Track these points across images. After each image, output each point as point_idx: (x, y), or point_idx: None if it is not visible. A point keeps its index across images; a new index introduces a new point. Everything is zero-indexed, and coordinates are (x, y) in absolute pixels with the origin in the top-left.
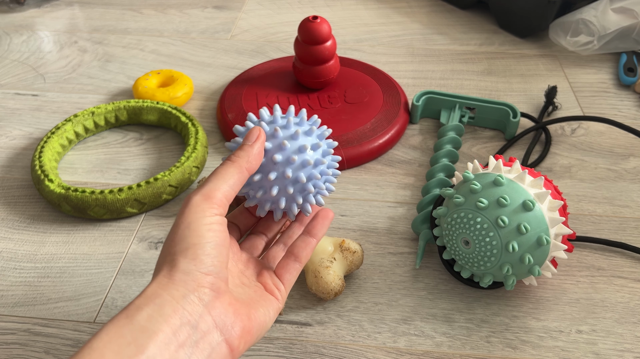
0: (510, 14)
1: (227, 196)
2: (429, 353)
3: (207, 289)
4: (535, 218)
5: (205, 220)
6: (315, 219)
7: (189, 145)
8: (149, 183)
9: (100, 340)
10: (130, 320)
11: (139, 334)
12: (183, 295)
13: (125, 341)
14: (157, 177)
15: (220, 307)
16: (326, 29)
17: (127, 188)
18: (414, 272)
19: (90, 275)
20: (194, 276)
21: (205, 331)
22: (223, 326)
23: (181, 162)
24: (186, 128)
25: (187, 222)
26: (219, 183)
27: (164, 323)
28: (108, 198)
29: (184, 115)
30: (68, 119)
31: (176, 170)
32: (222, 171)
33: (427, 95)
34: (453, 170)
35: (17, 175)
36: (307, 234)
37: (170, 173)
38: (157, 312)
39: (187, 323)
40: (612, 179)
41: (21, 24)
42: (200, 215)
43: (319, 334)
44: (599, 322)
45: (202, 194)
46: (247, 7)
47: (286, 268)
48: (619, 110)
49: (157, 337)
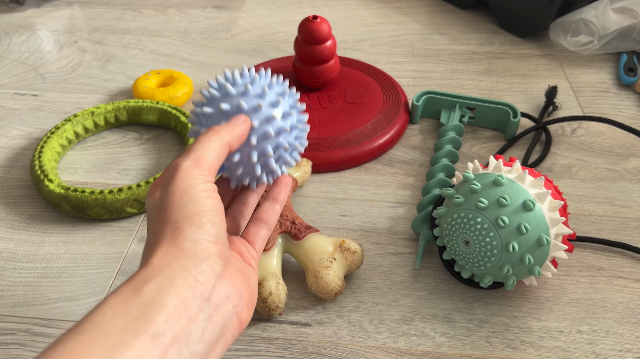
0: (511, 14)
1: (215, 164)
2: (429, 353)
3: (217, 258)
4: (535, 218)
5: (200, 186)
6: (277, 186)
7: (189, 145)
8: (148, 184)
9: (104, 314)
10: (137, 293)
11: (147, 308)
12: (195, 264)
13: (132, 316)
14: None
15: (230, 278)
16: (326, 29)
17: (127, 189)
18: (414, 272)
19: (90, 275)
20: (204, 245)
21: (218, 303)
22: (233, 297)
23: None
24: (186, 128)
25: (182, 189)
26: (206, 151)
27: (175, 295)
28: (108, 198)
29: (183, 115)
30: (68, 119)
31: None
32: (206, 140)
33: (427, 95)
34: (453, 170)
35: (17, 175)
36: (271, 200)
37: None
38: (167, 284)
39: (199, 295)
40: (613, 179)
41: (21, 23)
42: (194, 182)
43: (319, 334)
44: (599, 322)
45: (192, 160)
46: (247, 6)
47: (257, 234)
48: (619, 110)
49: (166, 310)
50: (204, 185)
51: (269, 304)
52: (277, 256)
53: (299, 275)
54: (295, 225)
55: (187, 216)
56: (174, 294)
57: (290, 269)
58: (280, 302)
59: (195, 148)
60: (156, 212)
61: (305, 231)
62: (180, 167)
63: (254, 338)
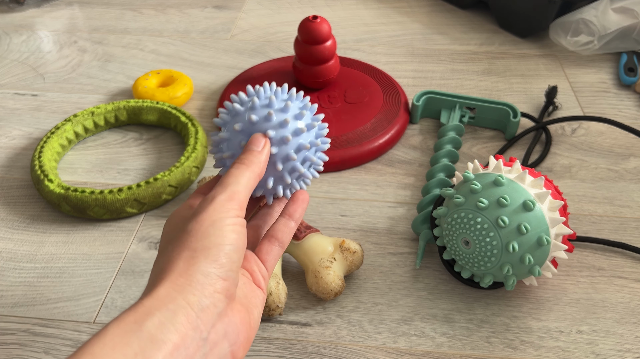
0: (511, 14)
1: (246, 198)
2: (429, 353)
3: (222, 295)
4: (535, 218)
5: (229, 220)
6: (294, 202)
7: (189, 145)
8: (148, 184)
9: (104, 345)
10: (139, 326)
11: (147, 344)
12: (199, 300)
13: (132, 351)
14: (157, 177)
15: (231, 316)
16: (326, 29)
17: (127, 189)
18: (414, 272)
19: (89, 275)
20: (212, 280)
21: (215, 342)
22: (231, 336)
23: (181, 162)
24: (186, 128)
25: (211, 219)
26: (239, 186)
27: (176, 332)
28: (108, 198)
29: (183, 115)
30: (68, 119)
31: (176, 170)
32: (239, 174)
33: (427, 95)
34: (453, 170)
35: (17, 175)
36: (287, 217)
37: (170, 173)
38: (170, 320)
39: (199, 334)
40: (613, 179)
41: (21, 23)
42: (225, 215)
43: (319, 334)
44: (600, 322)
45: (228, 194)
46: (247, 6)
47: (270, 252)
48: (619, 110)
49: (166, 348)
50: (233, 219)
51: (269, 304)
52: None
53: (299, 275)
54: None
55: (206, 247)
56: (175, 331)
57: (291, 269)
58: (280, 302)
59: (229, 182)
60: (178, 235)
61: (306, 231)
62: (215, 200)
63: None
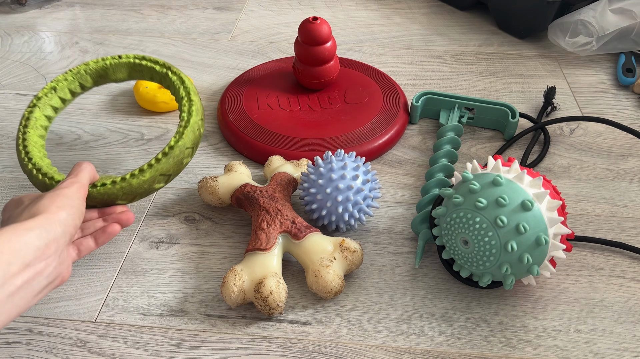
0: (509, 15)
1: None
2: (428, 352)
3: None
4: (534, 218)
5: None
6: (105, 229)
7: (183, 98)
8: (167, 154)
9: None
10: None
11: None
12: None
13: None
14: (172, 145)
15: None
16: (326, 30)
17: (148, 166)
18: (413, 272)
19: (91, 274)
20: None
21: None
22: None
23: (185, 120)
24: (167, 79)
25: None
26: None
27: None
28: (134, 183)
29: (157, 64)
30: (32, 105)
31: (186, 131)
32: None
33: (426, 96)
34: (452, 170)
35: (19, 175)
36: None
37: (183, 136)
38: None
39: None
40: (611, 179)
41: (22, 24)
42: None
43: (319, 333)
44: (598, 321)
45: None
46: (247, 8)
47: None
48: (617, 111)
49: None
50: None
51: (269, 303)
52: (278, 256)
53: (299, 274)
54: (295, 225)
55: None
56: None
57: (291, 268)
58: (280, 301)
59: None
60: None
61: (306, 230)
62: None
63: (254, 337)
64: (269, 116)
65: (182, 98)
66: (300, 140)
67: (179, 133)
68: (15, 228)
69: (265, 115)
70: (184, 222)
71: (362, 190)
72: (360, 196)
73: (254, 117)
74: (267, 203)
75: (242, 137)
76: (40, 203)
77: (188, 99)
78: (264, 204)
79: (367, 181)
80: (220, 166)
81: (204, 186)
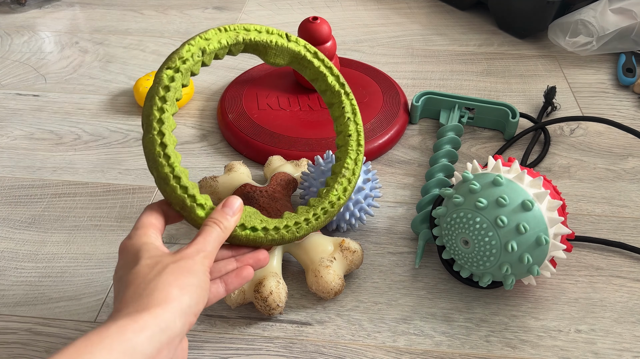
0: (510, 15)
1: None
2: (428, 352)
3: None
4: (534, 218)
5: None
6: (239, 272)
7: (350, 136)
8: (326, 212)
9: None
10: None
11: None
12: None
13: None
14: (333, 202)
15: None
16: (326, 30)
17: (305, 223)
18: (413, 272)
19: (91, 275)
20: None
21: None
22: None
23: (350, 172)
24: (338, 98)
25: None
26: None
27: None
28: (286, 238)
29: (329, 71)
30: (170, 67)
31: (350, 186)
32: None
33: (426, 96)
34: (452, 170)
35: (19, 174)
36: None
37: (346, 194)
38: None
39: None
40: (611, 179)
41: (22, 24)
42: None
43: (319, 333)
44: (598, 321)
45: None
46: (247, 7)
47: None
48: (617, 111)
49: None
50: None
51: (269, 303)
52: (278, 256)
53: (299, 274)
54: None
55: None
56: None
57: (291, 268)
58: (280, 301)
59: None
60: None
61: None
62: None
63: (254, 337)
64: (269, 116)
65: (349, 136)
66: (300, 140)
67: (344, 190)
68: (123, 329)
69: (265, 115)
70: (184, 222)
71: (363, 189)
72: (361, 195)
73: (254, 117)
74: (267, 204)
75: (242, 137)
76: (160, 281)
77: (357, 143)
78: (264, 204)
79: (367, 181)
80: (220, 166)
81: (204, 186)
